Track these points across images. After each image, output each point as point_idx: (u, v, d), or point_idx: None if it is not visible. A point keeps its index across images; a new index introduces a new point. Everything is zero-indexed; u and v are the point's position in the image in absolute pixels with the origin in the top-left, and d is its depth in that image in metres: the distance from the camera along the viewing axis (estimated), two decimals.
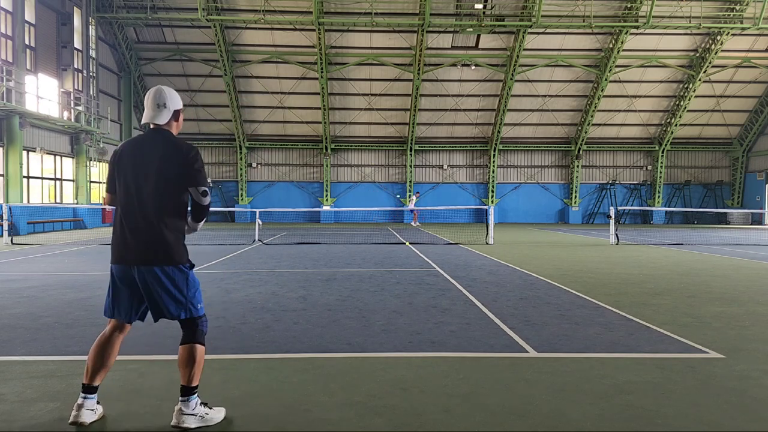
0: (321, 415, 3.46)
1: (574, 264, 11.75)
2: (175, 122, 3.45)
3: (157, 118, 3.35)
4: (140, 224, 3.24)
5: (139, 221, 3.24)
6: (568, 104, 33.30)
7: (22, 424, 3.30)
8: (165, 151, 3.27)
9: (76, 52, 25.82)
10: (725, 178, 35.94)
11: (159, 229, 3.23)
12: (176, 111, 3.44)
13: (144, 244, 3.22)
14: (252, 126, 33.92)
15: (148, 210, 3.24)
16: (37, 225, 22.15)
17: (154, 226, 3.23)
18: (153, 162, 3.26)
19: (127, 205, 3.28)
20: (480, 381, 4.10)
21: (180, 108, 3.48)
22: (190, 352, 3.28)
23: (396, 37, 30.22)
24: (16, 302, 7.07)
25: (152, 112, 3.35)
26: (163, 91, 3.38)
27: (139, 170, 3.27)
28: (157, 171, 3.24)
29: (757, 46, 31.02)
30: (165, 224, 3.25)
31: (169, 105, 3.38)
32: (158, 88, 3.41)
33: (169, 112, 3.38)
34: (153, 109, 3.35)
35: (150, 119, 3.36)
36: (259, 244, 16.40)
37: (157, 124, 3.37)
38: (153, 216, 3.23)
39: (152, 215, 3.23)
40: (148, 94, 3.40)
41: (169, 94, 3.39)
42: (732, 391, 3.90)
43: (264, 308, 6.74)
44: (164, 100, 3.35)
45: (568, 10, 28.57)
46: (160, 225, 3.24)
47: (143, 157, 3.29)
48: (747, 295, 7.81)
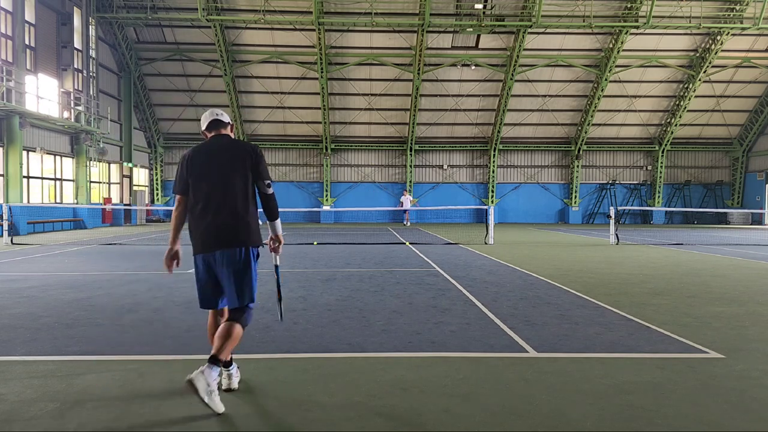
0: (321, 415, 3.46)
1: (574, 264, 11.75)
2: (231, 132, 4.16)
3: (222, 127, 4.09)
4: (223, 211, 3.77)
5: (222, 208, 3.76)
6: (568, 104, 33.30)
7: (22, 424, 3.30)
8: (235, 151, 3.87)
9: (76, 52, 25.82)
10: (725, 178, 35.94)
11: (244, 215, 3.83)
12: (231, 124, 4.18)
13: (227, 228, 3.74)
14: (252, 126, 33.92)
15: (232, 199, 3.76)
16: (37, 225, 22.15)
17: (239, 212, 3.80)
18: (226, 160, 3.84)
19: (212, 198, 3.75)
20: (480, 381, 4.10)
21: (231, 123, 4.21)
22: (229, 329, 3.62)
23: (396, 37, 30.22)
24: (16, 302, 7.07)
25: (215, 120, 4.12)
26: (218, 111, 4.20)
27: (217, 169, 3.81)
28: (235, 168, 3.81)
29: (757, 46, 31.02)
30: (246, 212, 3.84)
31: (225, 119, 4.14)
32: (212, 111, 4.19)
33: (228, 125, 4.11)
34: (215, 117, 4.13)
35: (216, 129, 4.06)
36: None
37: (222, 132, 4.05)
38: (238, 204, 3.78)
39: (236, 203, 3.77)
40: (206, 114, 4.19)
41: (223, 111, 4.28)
42: (732, 391, 3.90)
43: (264, 308, 6.74)
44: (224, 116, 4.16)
45: (568, 10, 28.57)
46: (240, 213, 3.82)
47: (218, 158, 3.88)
48: (747, 295, 7.81)
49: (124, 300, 7.26)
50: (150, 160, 34.42)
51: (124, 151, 31.08)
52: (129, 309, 6.67)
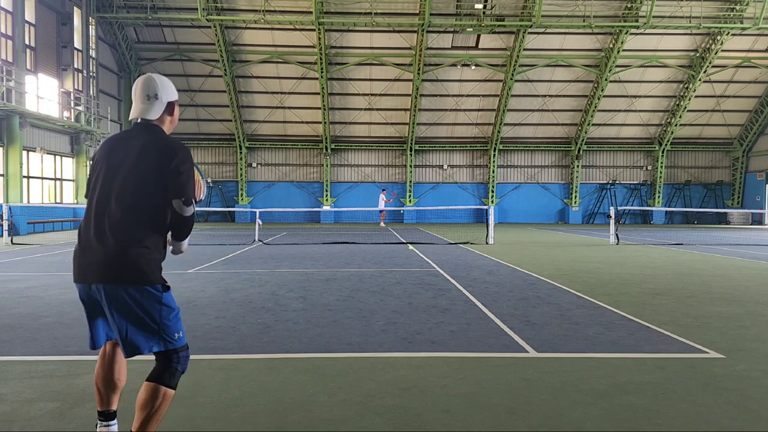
0: (321, 415, 3.46)
1: (574, 264, 11.75)
2: (168, 117, 2.89)
3: (148, 112, 2.80)
4: (106, 235, 2.65)
5: (105, 231, 2.65)
6: (568, 104, 33.30)
7: (22, 424, 3.30)
8: (147, 149, 2.70)
9: (76, 52, 25.82)
10: (725, 178, 35.94)
11: (125, 243, 2.64)
12: (170, 103, 2.87)
13: (106, 258, 2.64)
14: (252, 126, 33.92)
15: (117, 218, 2.65)
16: (37, 225, 22.15)
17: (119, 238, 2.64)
18: (130, 162, 2.68)
19: (95, 211, 2.70)
20: (480, 381, 4.10)
21: (174, 100, 2.91)
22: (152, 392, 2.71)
23: (396, 37, 30.22)
24: (16, 302, 7.07)
25: (141, 105, 2.80)
26: (153, 79, 2.83)
27: (113, 171, 2.69)
28: (134, 173, 2.66)
29: (757, 46, 31.01)
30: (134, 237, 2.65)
31: (162, 96, 2.82)
32: (148, 76, 2.85)
33: (162, 105, 2.83)
34: (142, 102, 2.80)
35: (139, 114, 2.81)
36: (259, 244, 16.40)
37: (147, 120, 2.81)
38: (121, 226, 2.64)
39: (121, 225, 2.65)
40: (136, 84, 2.83)
41: (161, 83, 2.83)
42: (732, 391, 3.89)
43: (264, 308, 6.74)
44: (155, 91, 2.81)
45: (568, 10, 28.57)
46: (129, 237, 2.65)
47: (120, 157, 2.71)
48: (747, 295, 7.81)
49: None
50: None
51: None
52: None
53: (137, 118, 2.84)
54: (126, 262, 2.62)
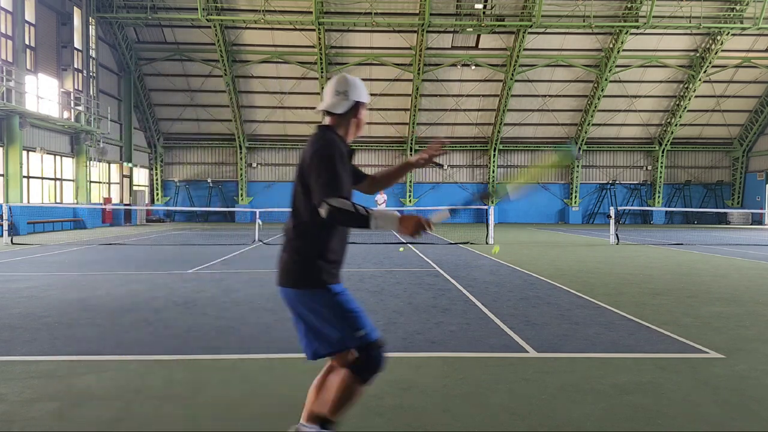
0: None
1: (574, 264, 11.75)
2: (353, 117, 2.87)
3: (334, 106, 2.82)
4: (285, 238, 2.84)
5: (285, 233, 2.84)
6: (568, 104, 33.30)
7: (22, 424, 3.30)
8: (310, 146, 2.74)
9: (76, 52, 25.82)
10: (725, 178, 35.94)
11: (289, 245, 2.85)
12: (357, 103, 2.85)
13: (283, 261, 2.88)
14: (252, 126, 33.92)
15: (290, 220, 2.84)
16: (37, 225, 22.15)
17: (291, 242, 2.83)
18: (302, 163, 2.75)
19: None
20: (480, 381, 4.10)
21: (363, 102, 2.88)
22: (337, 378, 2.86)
23: (396, 37, 30.22)
24: (16, 302, 7.07)
25: (329, 99, 2.84)
26: (346, 78, 2.87)
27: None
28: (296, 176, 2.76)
29: (757, 46, 31.01)
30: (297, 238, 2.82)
31: (351, 95, 2.84)
32: (342, 75, 2.93)
33: (349, 103, 2.82)
34: (331, 96, 2.84)
35: (325, 106, 2.85)
36: (260, 244, 16.40)
37: (333, 113, 2.83)
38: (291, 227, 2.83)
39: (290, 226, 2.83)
40: (329, 81, 2.93)
41: (352, 83, 2.85)
42: (732, 391, 3.89)
43: (264, 308, 6.74)
44: (345, 88, 2.84)
45: (568, 10, 28.57)
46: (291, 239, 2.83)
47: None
48: (747, 295, 7.81)
49: (124, 300, 7.26)
50: (150, 160, 34.42)
51: (124, 151, 31.08)
52: (129, 309, 6.67)
53: (324, 111, 2.86)
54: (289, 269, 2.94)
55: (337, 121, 2.84)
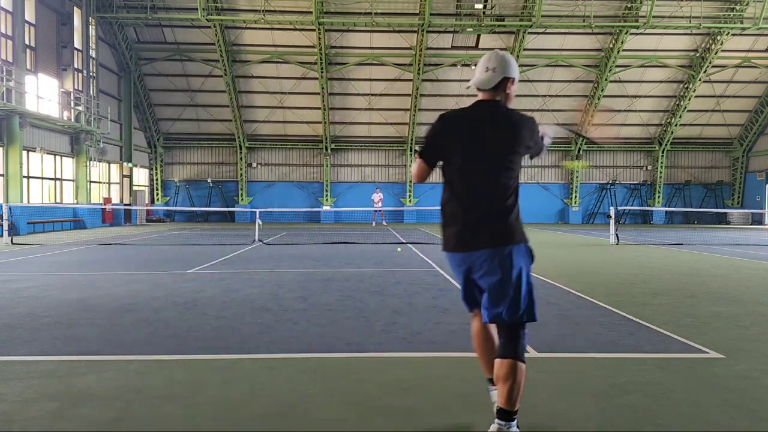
0: (321, 415, 3.46)
1: (574, 264, 11.75)
2: (503, 91, 3.05)
3: (485, 83, 3.02)
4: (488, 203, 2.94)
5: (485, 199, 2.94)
6: (568, 104, 33.28)
7: (22, 424, 3.30)
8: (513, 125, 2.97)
9: (76, 52, 25.82)
10: (725, 178, 35.94)
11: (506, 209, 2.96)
12: (505, 78, 3.02)
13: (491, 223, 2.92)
14: (252, 126, 33.92)
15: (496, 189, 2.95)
16: (37, 225, 22.15)
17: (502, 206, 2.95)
18: (497, 134, 2.94)
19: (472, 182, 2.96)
20: (480, 381, 4.10)
21: (512, 77, 3.05)
22: (511, 368, 2.90)
23: (396, 37, 30.22)
24: (16, 302, 7.07)
25: (479, 75, 3.03)
26: (496, 54, 3.07)
27: (486, 143, 2.93)
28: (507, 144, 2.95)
29: (757, 46, 31.02)
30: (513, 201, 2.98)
31: (498, 70, 3.01)
32: (493, 51, 3.11)
33: (498, 78, 3.00)
34: (480, 73, 3.03)
35: (476, 83, 3.04)
36: (260, 244, 16.40)
37: (485, 89, 3.03)
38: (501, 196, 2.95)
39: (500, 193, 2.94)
40: (482, 59, 3.09)
41: (502, 59, 3.04)
42: (732, 391, 3.89)
43: (264, 308, 6.74)
44: (494, 64, 3.01)
45: (568, 10, 28.57)
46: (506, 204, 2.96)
47: (488, 129, 2.95)
48: (747, 295, 7.81)
49: (124, 300, 7.26)
50: (150, 160, 34.43)
51: (124, 151, 31.09)
52: (128, 309, 6.67)
53: (475, 87, 3.06)
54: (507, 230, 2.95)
55: (491, 95, 3.02)
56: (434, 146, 3.09)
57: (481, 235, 2.93)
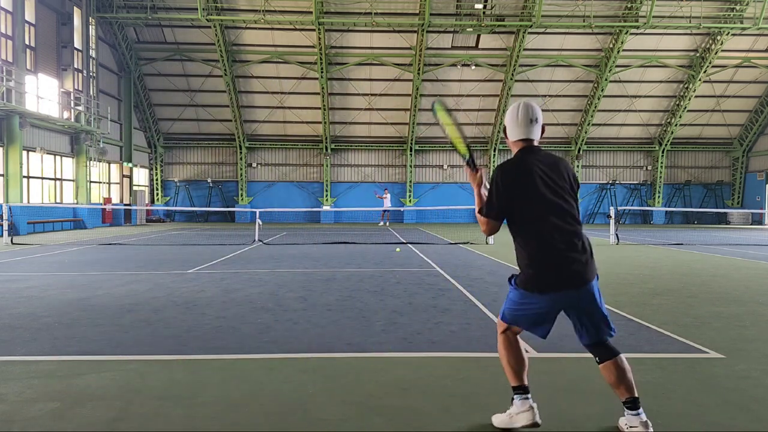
0: (321, 415, 3.46)
1: None
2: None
3: (533, 133, 3.28)
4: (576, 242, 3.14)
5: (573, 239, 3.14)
6: (568, 104, 33.30)
7: (22, 424, 3.30)
8: (563, 166, 3.25)
9: (76, 52, 25.82)
10: (725, 178, 35.94)
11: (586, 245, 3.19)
12: (543, 126, 3.36)
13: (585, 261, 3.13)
14: (252, 126, 33.92)
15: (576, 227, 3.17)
16: (37, 225, 22.15)
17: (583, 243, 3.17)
18: (563, 177, 3.19)
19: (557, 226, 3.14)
20: (480, 381, 4.11)
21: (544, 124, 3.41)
22: (621, 364, 3.21)
23: (396, 37, 30.22)
24: (16, 302, 7.07)
25: (527, 128, 3.27)
26: (534, 107, 3.31)
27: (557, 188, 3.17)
28: (569, 186, 3.21)
29: (757, 46, 31.02)
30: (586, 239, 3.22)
31: (540, 119, 3.32)
32: (527, 104, 3.30)
33: (540, 126, 3.32)
34: (527, 126, 3.27)
35: (526, 135, 3.27)
36: (259, 244, 16.40)
37: (532, 140, 3.29)
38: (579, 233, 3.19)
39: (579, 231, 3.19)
40: (517, 112, 3.28)
41: (537, 110, 3.32)
42: (732, 391, 3.89)
43: (264, 308, 6.74)
44: (536, 116, 3.28)
45: (568, 10, 28.57)
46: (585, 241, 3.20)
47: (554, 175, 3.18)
48: (747, 295, 7.81)
49: (124, 300, 7.26)
50: (150, 160, 34.43)
51: (124, 151, 31.09)
52: (129, 309, 6.67)
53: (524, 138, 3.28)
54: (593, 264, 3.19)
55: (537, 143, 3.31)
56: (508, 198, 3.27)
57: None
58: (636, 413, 3.12)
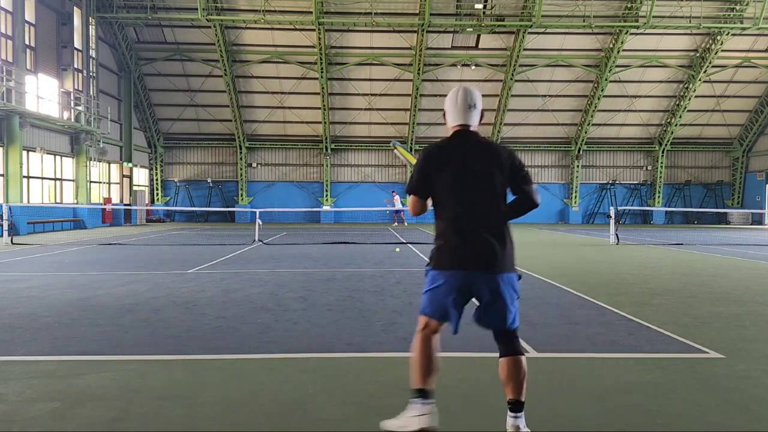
0: (321, 415, 3.46)
1: (574, 264, 11.75)
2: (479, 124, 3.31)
3: (471, 119, 3.23)
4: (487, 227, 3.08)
5: (485, 223, 3.08)
6: (568, 104, 33.30)
7: (22, 424, 3.30)
8: (494, 152, 3.15)
9: (76, 52, 25.82)
10: (725, 178, 35.94)
11: (504, 234, 3.11)
12: (482, 112, 3.30)
13: (491, 249, 3.06)
14: (252, 126, 33.92)
15: (492, 214, 3.11)
16: (37, 225, 22.15)
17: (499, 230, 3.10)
18: (489, 163, 3.12)
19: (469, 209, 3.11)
20: (480, 381, 4.11)
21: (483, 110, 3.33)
22: (518, 364, 3.20)
23: (396, 37, 30.22)
24: (16, 302, 7.07)
25: (465, 113, 3.22)
26: (473, 92, 3.25)
27: (477, 172, 3.11)
28: (497, 171, 3.11)
29: (757, 46, 31.02)
30: (507, 228, 3.14)
31: (479, 105, 3.26)
32: (466, 88, 3.26)
33: (479, 113, 3.26)
34: (465, 110, 3.22)
35: (463, 120, 3.23)
36: (259, 244, 16.40)
37: (468, 125, 3.23)
38: (496, 220, 3.11)
39: (495, 219, 3.11)
40: (456, 96, 3.24)
41: (477, 95, 3.27)
42: (732, 391, 3.89)
43: (264, 308, 6.74)
44: (475, 101, 3.24)
45: (568, 10, 28.57)
46: (504, 229, 3.12)
47: (478, 158, 3.12)
48: (747, 295, 7.81)
49: (124, 300, 7.26)
50: (150, 160, 34.43)
51: (124, 151, 31.09)
52: (129, 309, 6.67)
53: (460, 123, 3.24)
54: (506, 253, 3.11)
55: (473, 129, 3.25)
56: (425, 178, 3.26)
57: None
58: (514, 416, 3.10)
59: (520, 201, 3.23)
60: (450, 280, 3.10)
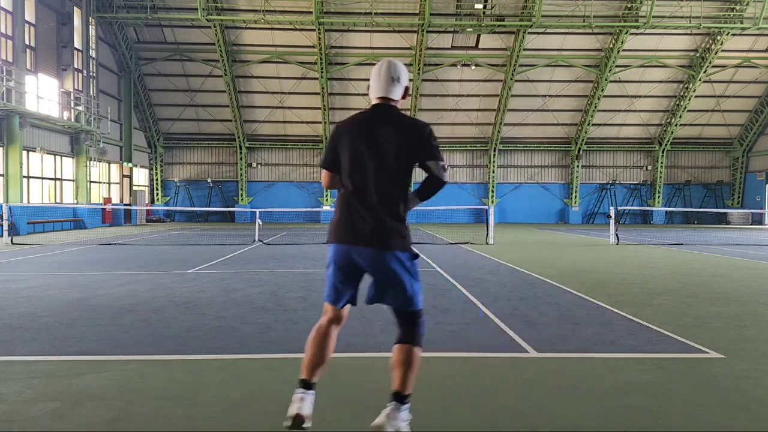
0: (321, 415, 3.46)
1: (574, 264, 11.75)
2: (401, 99, 3.25)
3: (392, 92, 3.17)
4: (379, 203, 3.04)
5: (378, 199, 3.04)
6: (568, 104, 33.31)
7: (22, 424, 3.30)
8: (407, 128, 3.08)
9: (76, 52, 25.82)
10: (725, 178, 35.95)
11: (398, 212, 3.07)
12: (406, 87, 3.22)
13: (379, 225, 3.01)
14: (252, 126, 33.92)
15: (385, 189, 3.06)
16: (37, 225, 22.15)
17: (392, 208, 3.06)
18: (391, 138, 3.06)
19: (361, 184, 3.06)
20: (480, 381, 4.10)
21: (407, 86, 3.25)
22: (408, 354, 3.09)
23: (396, 37, 30.23)
24: (16, 302, 7.07)
25: (386, 86, 3.16)
26: (397, 65, 3.17)
27: (376, 147, 3.06)
28: (397, 148, 3.06)
29: (757, 46, 31.02)
30: (402, 205, 3.10)
31: (403, 80, 3.18)
32: (390, 61, 3.19)
33: (402, 87, 3.18)
34: (387, 83, 3.16)
35: (384, 92, 3.18)
36: (259, 244, 16.40)
37: (389, 98, 3.18)
38: (390, 196, 3.07)
39: (389, 195, 3.07)
40: (380, 68, 3.18)
41: (402, 69, 3.19)
42: (732, 391, 3.89)
43: (264, 308, 6.74)
44: (398, 74, 3.16)
45: (568, 10, 28.57)
46: (398, 207, 3.08)
47: (379, 133, 3.08)
48: (747, 295, 7.81)
49: (124, 300, 7.26)
50: (150, 160, 34.44)
51: (124, 151, 31.09)
52: (129, 309, 6.67)
53: (380, 96, 3.19)
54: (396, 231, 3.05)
55: (393, 103, 3.17)
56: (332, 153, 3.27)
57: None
58: (388, 406, 3.02)
59: (426, 179, 3.20)
60: (335, 254, 3.10)
